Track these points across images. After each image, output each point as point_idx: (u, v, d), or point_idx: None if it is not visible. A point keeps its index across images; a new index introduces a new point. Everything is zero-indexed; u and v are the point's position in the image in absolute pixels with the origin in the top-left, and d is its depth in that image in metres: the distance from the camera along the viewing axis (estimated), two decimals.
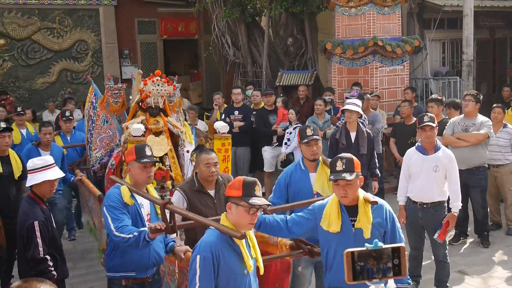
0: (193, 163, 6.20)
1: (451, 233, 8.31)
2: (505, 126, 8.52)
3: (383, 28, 11.83)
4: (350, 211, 4.24)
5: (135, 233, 4.38)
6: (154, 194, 5.04)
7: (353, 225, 4.23)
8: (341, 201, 4.25)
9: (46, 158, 5.20)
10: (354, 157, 4.26)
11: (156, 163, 5.69)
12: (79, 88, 16.19)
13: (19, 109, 9.98)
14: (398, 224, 4.39)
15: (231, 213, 3.65)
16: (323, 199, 4.65)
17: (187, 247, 4.75)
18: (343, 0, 11.78)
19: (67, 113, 9.28)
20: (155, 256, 4.79)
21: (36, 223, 4.85)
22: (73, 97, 13.43)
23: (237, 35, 14.54)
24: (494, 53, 17.59)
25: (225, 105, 11.51)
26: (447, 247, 6.74)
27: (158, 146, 6.39)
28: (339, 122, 9.09)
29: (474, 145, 7.94)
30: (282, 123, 10.39)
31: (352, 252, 2.38)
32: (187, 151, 6.80)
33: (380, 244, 2.39)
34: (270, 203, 3.91)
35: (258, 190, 3.65)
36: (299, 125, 10.07)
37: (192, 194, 5.19)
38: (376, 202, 4.24)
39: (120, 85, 7.30)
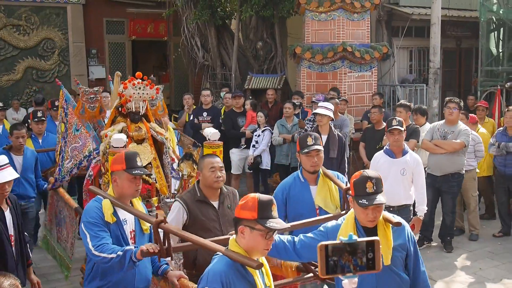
0: (181, 174, 5.77)
1: (415, 237, 8.37)
2: None
3: (352, 34, 11.91)
4: (368, 233, 3.77)
5: (119, 253, 3.91)
6: (141, 208, 4.47)
7: None
8: (367, 225, 3.79)
9: None
10: (380, 175, 3.81)
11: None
12: (45, 86, 15.94)
13: (0, 104, 9.64)
14: (418, 248, 4.06)
15: (243, 237, 3.15)
16: (331, 217, 4.34)
17: (181, 272, 4.25)
18: (313, 5, 11.82)
19: (39, 114, 8.66)
20: (141, 278, 4.26)
21: None
22: (43, 97, 13.12)
23: (206, 38, 14.48)
24: (460, 63, 17.85)
25: (194, 107, 11.45)
26: None
27: (141, 155, 5.61)
28: (307, 126, 9.12)
29: (451, 152, 8.02)
30: (251, 126, 10.38)
31: (326, 246, 2.36)
32: (172, 159, 6.24)
33: (355, 237, 2.38)
34: (289, 226, 3.45)
35: (275, 211, 3.16)
36: (268, 128, 10.10)
37: (193, 205, 4.70)
38: (400, 224, 3.86)
39: (96, 89, 6.44)
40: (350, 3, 11.66)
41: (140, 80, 5.90)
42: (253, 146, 10.13)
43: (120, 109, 6.09)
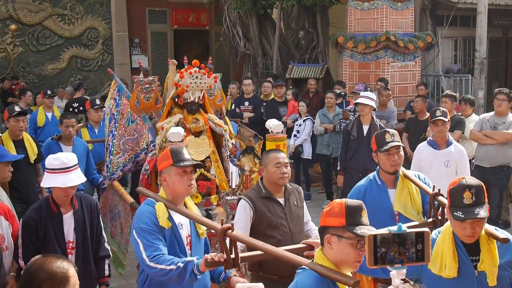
0: (243, 169, 5.43)
1: None
2: None
3: (396, 23, 11.75)
4: (469, 248, 3.35)
5: (179, 264, 3.53)
6: (194, 209, 4.10)
7: (475, 267, 3.34)
8: (464, 240, 3.36)
9: (66, 158, 4.32)
10: (482, 184, 3.35)
11: (198, 169, 4.93)
12: (89, 75, 16.20)
13: (49, 92, 9.83)
14: None
15: (330, 248, 2.82)
16: (416, 225, 3.94)
17: (245, 280, 3.86)
18: None
19: (98, 101, 8.47)
20: (200, 287, 3.87)
21: (21, 221, 4.30)
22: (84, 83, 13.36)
23: (248, 27, 14.48)
24: (506, 52, 17.48)
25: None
26: None
27: (199, 148, 5.54)
28: (352, 116, 9.06)
29: (500, 143, 7.88)
30: (292, 115, 10.36)
31: (375, 236, 2.33)
32: (232, 153, 5.90)
33: (404, 228, 2.34)
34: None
35: (365, 216, 2.84)
36: (309, 117, 10.06)
37: (259, 202, 4.43)
38: (507, 240, 3.37)
39: (151, 78, 6.04)
40: None
41: (197, 69, 5.56)
42: (295, 135, 10.11)
43: (176, 100, 5.69)
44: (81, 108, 11.02)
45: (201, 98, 5.61)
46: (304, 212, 4.74)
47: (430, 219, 4.15)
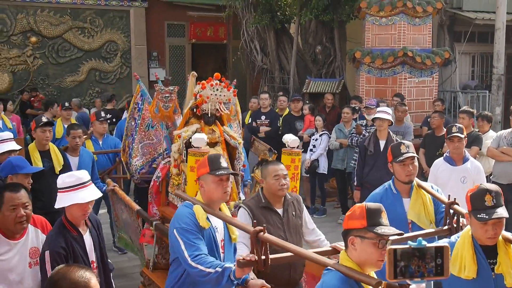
0: (257, 180, 5.45)
1: None
2: None
3: (413, 39, 11.77)
4: (487, 251, 3.55)
5: (218, 269, 3.68)
6: (229, 214, 4.32)
7: (493, 269, 3.54)
8: (486, 243, 3.55)
9: (79, 174, 4.24)
10: (500, 189, 3.61)
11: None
12: (107, 88, 16.34)
13: (66, 104, 9.97)
14: None
15: (354, 249, 2.97)
16: (429, 233, 4.13)
17: (263, 281, 3.94)
18: (374, 9, 11.74)
19: (103, 113, 8.68)
20: None
21: (47, 253, 3.93)
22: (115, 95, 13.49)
23: (265, 41, 14.58)
24: None
25: None
26: None
27: None
28: (364, 131, 9.06)
29: None
30: (309, 130, 10.38)
31: (395, 250, 2.35)
32: (243, 166, 5.99)
33: (424, 242, 2.35)
34: (403, 232, 3.10)
35: (385, 218, 3.00)
36: (326, 132, 10.08)
37: (258, 211, 4.59)
38: None
39: (172, 88, 6.22)
40: (412, 7, 11.53)
41: (218, 82, 5.65)
42: (311, 150, 10.13)
43: (195, 110, 5.76)
44: (114, 120, 11.61)
45: (219, 110, 5.67)
46: (307, 220, 4.86)
47: (446, 227, 4.25)
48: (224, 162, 4.14)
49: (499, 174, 8.01)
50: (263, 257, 3.51)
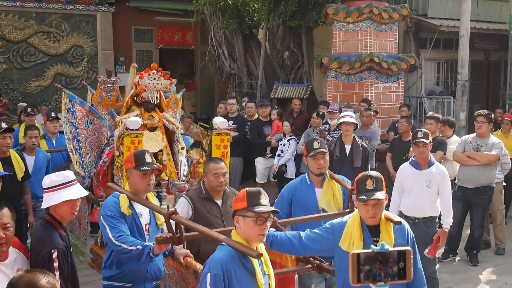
0: (192, 160, 6.23)
1: (441, 250, 8.32)
2: None
3: (380, 45, 11.89)
4: (372, 231, 4.05)
5: (139, 247, 4.24)
6: (155, 202, 4.82)
7: (376, 246, 3.94)
8: (367, 222, 4.03)
9: (66, 173, 4.28)
10: (381, 175, 4.08)
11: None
12: (74, 93, 16.01)
13: (29, 109, 9.83)
14: (416, 247, 4.25)
15: (239, 227, 3.50)
16: (331, 215, 4.70)
17: (187, 251, 4.44)
18: (341, 15, 11.83)
19: (53, 114, 9.02)
20: (155, 269, 4.66)
21: (54, 252, 3.92)
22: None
23: (233, 47, 14.58)
24: (488, 75, 17.71)
25: None
26: (437, 263, 6.73)
27: (153, 142, 6.22)
28: (328, 136, 9.10)
29: (483, 165, 7.98)
30: (276, 135, 10.40)
31: (358, 254, 2.35)
32: (182, 148, 6.59)
33: (387, 247, 2.37)
34: (278, 210, 3.69)
35: (264, 199, 3.50)
36: (293, 137, 10.11)
37: (198, 202, 5.06)
38: (400, 222, 4.09)
39: (114, 79, 7.00)
40: (378, 14, 11.65)
41: (155, 71, 6.17)
42: (278, 155, 10.14)
43: (135, 98, 6.35)
44: None
45: (157, 98, 6.28)
46: None
47: (348, 210, 4.98)
48: (149, 158, 4.65)
49: (465, 179, 8.13)
50: (177, 234, 4.19)
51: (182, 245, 4.33)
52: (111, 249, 4.53)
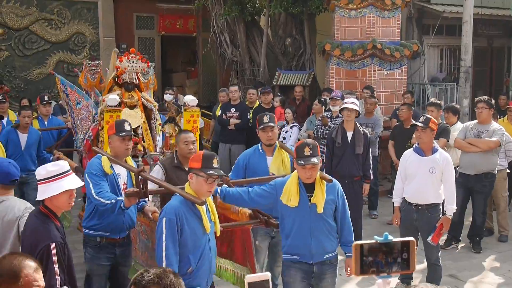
0: (165, 134, 6.99)
1: (443, 237, 8.33)
2: None
3: (382, 32, 11.83)
4: (307, 188, 4.80)
5: (113, 200, 5.00)
6: (131, 163, 5.61)
7: (310, 200, 4.79)
8: (306, 181, 4.77)
9: (61, 163, 4.23)
10: (317, 143, 4.85)
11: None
12: (75, 80, 15.97)
13: (46, 98, 9.94)
14: (346, 202, 5.04)
15: (192, 182, 4.27)
16: (276, 177, 5.35)
17: (155, 208, 5.50)
18: (343, 1, 11.76)
19: (46, 98, 9.75)
20: (129, 221, 5.39)
21: (52, 245, 3.87)
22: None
23: (235, 34, 14.53)
24: (491, 62, 17.63)
25: None
26: (440, 250, 6.73)
27: (133, 118, 6.76)
28: (330, 122, 9.08)
29: (484, 151, 7.96)
30: (279, 122, 10.35)
31: (361, 245, 2.33)
32: (159, 124, 7.27)
33: (390, 237, 2.35)
34: (226, 175, 4.70)
35: (216, 163, 4.26)
36: (296, 124, 10.08)
37: (170, 169, 5.75)
38: (331, 180, 4.90)
39: (97, 62, 8.01)
40: (381, 0, 11.57)
41: (134, 55, 6.89)
42: (281, 142, 10.11)
43: (116, 80, 7.03)
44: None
45: (135, 79, 6.95)
46: None
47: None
48: (127, 126, 5.44)
49: (466, 165, 8.11)
50: (144, 189, 5.00)
51: (147, 198, 5.37)
52: (94, 205, 5.27)
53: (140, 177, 5.09)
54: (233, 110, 10.66)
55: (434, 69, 15.84)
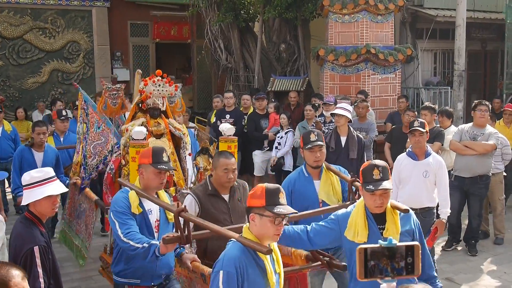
0: (199, 167, 6.12)
1: (444, 238, 8.37)
2: None
3: (376, 36, 11.87)
4: (377, 219, 4.00)
5: (145, 244, 4.18)
6: (166, 199, 4.77)
7: (382, 234, 3.97)
8: (373, 211, 3.99)
9: (46, 169, 4.29)
10: (387, 164, 4.03)
11: None
12: (70, 88, 16.11)
13: (64, 113, 9.82)
14: (422, 232, 4.20)
15: (254, 224, 3.40)
16: (335, 208, 4.61)
17: (195, 255, 4.52)
18: (337, 7, 11.80)
19: (64, 112, 9.03)
20: (164, 266, 4.59)
21: (36, 248, 3.92)
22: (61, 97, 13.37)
23: (230, 40, 14.55)
24: (485, 65, 17.69)
25: None
26: (435, 254, 6.73)
27: None
28: (324, 128, 9.09)
29: (480, 154, 7.97)
30: (274, 128, 10.38)
31: (365, 249, 2.33)
32: (189, 154, 6.53)
33: (394, 241, 2.34)
34: (296, 211, 3.60)
35: (283, 198, 3.42)
36: (291, 130, 10.09)
37: (205, 198, 4.95)
38: (407, 210, 4.06)
39: (118, 86, 6.90)
40: (374, 5, 11.62)
41: (160, 78, 6.14)
42: (276, 147, 10.13)
43: (140, 105, 6.32)
44: None
45: (163, 104, 6.21)
46: None
47: (349, 202, 4.83)
48: (166, 157, 4.58)
49: (461, 168, 8.13)
50: (186, 233, 4.11)
51: (189, 244, 4.35)
52: (120, 246, 4.46)
53: (180, 217, 4.20)
54: (228, 116, 10.67)
55: (428, 73, 15.88)
